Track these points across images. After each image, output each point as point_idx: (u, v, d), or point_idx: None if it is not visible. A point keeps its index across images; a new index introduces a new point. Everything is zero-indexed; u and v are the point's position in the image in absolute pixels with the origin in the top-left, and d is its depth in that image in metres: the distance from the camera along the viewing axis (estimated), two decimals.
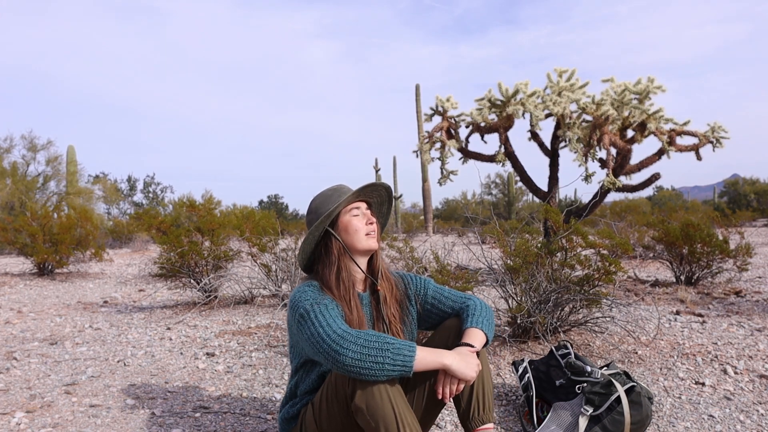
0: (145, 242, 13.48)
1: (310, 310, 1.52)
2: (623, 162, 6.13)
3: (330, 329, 1.45)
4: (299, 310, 1.55)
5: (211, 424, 2.36)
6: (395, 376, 1.42)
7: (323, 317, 1.50)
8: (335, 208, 1.63)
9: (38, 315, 5.03)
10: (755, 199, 25.65)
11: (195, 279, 5.21)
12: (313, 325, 1.49)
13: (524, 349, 3.12)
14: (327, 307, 1.54)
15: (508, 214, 25.77)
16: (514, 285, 3.29)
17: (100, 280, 7.60)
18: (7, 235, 8.10)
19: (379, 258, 1.77)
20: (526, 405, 2.27)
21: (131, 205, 32.66)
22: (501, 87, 6.23)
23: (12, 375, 3.14)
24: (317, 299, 1.56)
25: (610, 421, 2.00)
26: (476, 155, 6.88)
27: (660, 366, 2.85)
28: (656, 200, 28.87)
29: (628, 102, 5.90)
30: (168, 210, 19.79)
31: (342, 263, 1.65)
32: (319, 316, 1.50)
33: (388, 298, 1.73)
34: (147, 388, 2.87)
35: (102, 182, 23.43)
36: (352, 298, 1.63)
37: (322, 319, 1.49)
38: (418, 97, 18.28)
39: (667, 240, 5.48)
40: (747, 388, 2.54)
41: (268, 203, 39.91)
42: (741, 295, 4.87)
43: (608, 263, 3.06)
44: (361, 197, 1.72)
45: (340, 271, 1.64)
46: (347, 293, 1.62)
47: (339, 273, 1.64)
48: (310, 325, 1.50)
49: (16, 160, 18.31)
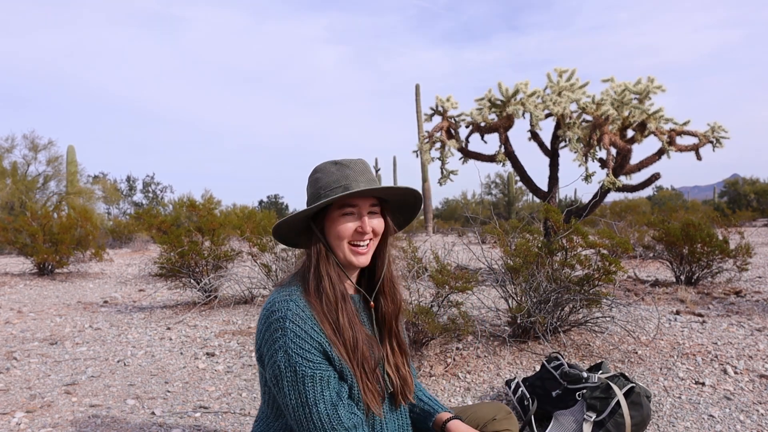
0: (145, 242, 13.47)
1: (298, 368, 1.17)
2: (623, 162, 6.13)
3: (326, 421, 1.17)
4: (279, 356, 1.18)
5: (211, 424, 2.36)
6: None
7: (320, 394, 1.18)
8: (324, 202, 1.25)
9: (38, 315, 5.03)
10: (755, 199, 25.63)
11: (195, 279, 5.21)
12: (301, 395, 1.17)
13: (524, 349, 3.12)
14: (329, 379, 1.20)
15: (508, 214, 25.77)
16: (514, 285, 3.29)
17: (100, 280, 7.60)
18: (7, 235, 8.11)
19: (384, 265, 1.37)
20: (522, 417, 2.27)
21: (131, 205, 32.66)
22: (501, 87, 6.23)
23: (12, 375, 3.14)
24: (309, 350, 1.18)
25: (613, 424, 2.01)
26: (476, 155, 6.88)
27: (660, 366, 2.85)
28: (656, 200, 28.87)
29: (628, 102, 5.89)
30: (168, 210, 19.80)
31: (323, 269, 1.27)
32: (317, 387, 1.18)
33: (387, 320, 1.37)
34: (147, 388, 2.87)
35: (102, 182, 23.45)
36: (342, 314, 1.25)
37: (319, 396, 1.18)
38: (418, 97, 18.27)
39: (667, 240, 5.48)
40: (747, 388, 2.54)
41: (268, 203, 39.93)
42: (741, 295, 4.87)
43: (608, 263, 3.06)
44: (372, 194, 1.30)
45: (321, 278, 1.26)
46: (334, 307, 1.25)
47: (320, 281, 1.26)
48: (296, 393, 1.18)
49: (17, 160, 18.32)
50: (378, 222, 1.32)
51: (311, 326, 1.20)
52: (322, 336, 1.21)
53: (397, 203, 1.39)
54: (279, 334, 1.18)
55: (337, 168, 1.28)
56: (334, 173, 1.28)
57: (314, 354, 1.19)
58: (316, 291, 1.26)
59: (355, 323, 1.27)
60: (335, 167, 1.29)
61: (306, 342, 1.18)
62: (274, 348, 1.19)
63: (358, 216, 1.28)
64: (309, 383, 1.17)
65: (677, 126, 6.18)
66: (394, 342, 1.37)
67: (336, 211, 1.28)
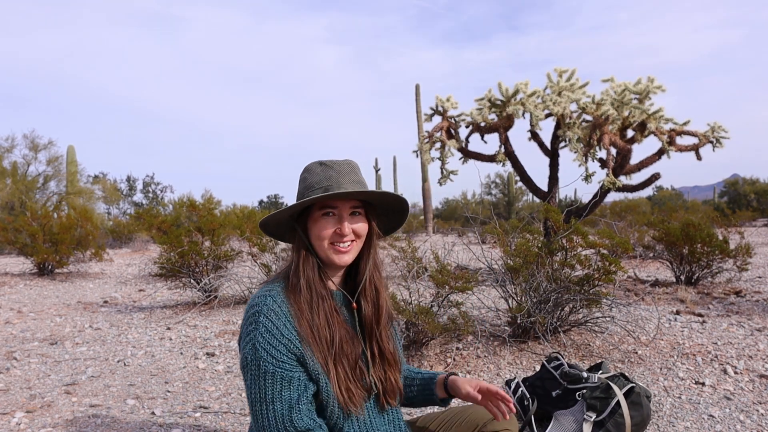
0: (145, 242, 13.48)
1: (262, 363, 1.19)
2: (623, 162, 6.13)
3: (279, 421, 1.18)
4: (247, 349, 1.21)
5: (211, 424, 2.36)
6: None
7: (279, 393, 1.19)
8: (301, 202, 1.27)
9: (38, 315, 5.03)
10: (755, 199, 25.63)
11: (195, 279, 5.21)
12: (261, 390, 1.19)
13: (524, 349, 3.12)
14: (291, 380, 1.20)
15: (508, 214, 25.77)
16: (514, 285, 3.29)
17: (100, 280, 7.60)
18: (7, 235, 8.11)
19: (367, 268, 1.36)
20: (522, 416, 2.27)
21: (131, 205, 32.68)
22: (501, 87, 6.23)
23: (12, 375, 3.14)
24: (277, 346, 1.20)
25: (613, 424, 2.01)
26: (476, 155, 6.89)
27: (660, 366, 2.85)
28: (656, 200, 28.87)
29: (628, 102, 5.90)
30: (168, 210, 19.81)
31: (303, 267, 1.28)
32: (276, 385, 1.19)
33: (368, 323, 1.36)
34: (147, 388, 2.87)
35: (102, 182, 23.46)
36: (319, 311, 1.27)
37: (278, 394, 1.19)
38: (418, 97, 18.28)
39: (667, 240, 5.48)
40: (747, 388, 2.54)
41: (268, 203, 39.94)
42: (741, 295, 4.87)
43: (608, 263, 3.06)
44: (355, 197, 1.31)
45: (300, 276, 1.27)
46: (311, 304, 1.26)
47: (299, 278, 1.27)
48: (257, 388, 1.20)
49: (17, 160, 18.33)
50: (361, 225, 1.31)
51: (284, 322, 1.21)
52: (293, 333, 1.22)
53: (383, 208, 1.39)
54: (251, 328, 1.21)
55: (322, 169, 1.30)
56: (318, 174, 1.29)
57: (281, 352, 1.20)
58: (295, 288, 1.27)
59: (334, 321, 1.28)
60: (320, 168, 1.30)
61: (275, 338, 1.20)
62: (245, 340, 1.22)
63: (338, 217, 1.29)
64: (270, 380, 1.19)
65: (677, 126, 6.18)
66: (375, 347, 1.35)
67: (317, 212, 1.29)
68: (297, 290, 1.27)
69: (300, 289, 1.26)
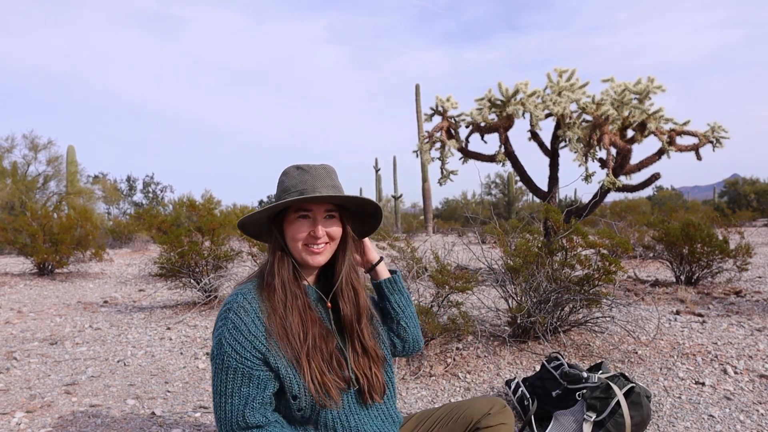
0: (145, 242, 13.48)
1: (226, 358, 1.24)
2: (623, 162, 6.13)
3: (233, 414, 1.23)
4: (214, 343, 1.27)
5: (211, 424, 2.36)
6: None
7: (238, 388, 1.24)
8: (275, 204, 1.32)
9: (38, 315, 5.03)
10: (755, 199, 25.62)
11: (195, 279, 5.21)
12: (222, 384, 1.25)
13: (524, 349, 3.12)
14: (251, 377, 1.24)
15: (508, 214, 25.77)
16: (514, 285, 3.29)
17: (100, 280, 7.60)
18: (7, 235, 8.11)
19: (343, 269, 1.40)
20: (522, 416, 2.27)
21: (131, 205, 32.66)
22: (501, 87, 6.23)
23: (12, 375, 3.14)
24: (243, 342, 1.24)
25: (613, 424, 2.01)
26: (476, 155, 6.89)
27: (660, 366, 2.85)
28: (656, 200, 28.86)
29: (628, 102, 5.89)
30: (168, 210, 19.80)
31: (277, 267, 1.33)
32: (237, 380, 1.24)
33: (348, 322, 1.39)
34: (147, 388, 2.87)
35: (102, 182, 23.45)
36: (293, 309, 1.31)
37: (237, 389, 1.24)
38: (418, 97, 18.28)
39: (667, 240, 5.48)
40: (747, 388, 2.54)
41: (268, 203, 39.92)
42: (741, 295, 4.87)
43: (608, 263, 3.06)
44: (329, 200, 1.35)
45: (274, 275, 1.32)
46: (284, 302, 1.31)
47: (273, 277, 1.32)
48: (218, 381, 1.25)
49: (17, 160, 18.33)
50: (335, 228, 1.37)
51: (252, 319, 1.26)
52: (260, 330, 1.26)
53: (357, 212, 1.44)
54: (221, 323, 1.27)
55: (299, 173, 1.35)
56: (295, 177, 1.34)
57: (246, 348, 1.24)
58: (270, 287, 1.32)
59: (308, 317, 1.32)
60: (297, 172, 1.35)
61: (242, 334, 1.25)
62: (214, 335, 1.29)
63: (313, 220, 1.34)
64: (231, 375, 1.24)
65: (677, 126, 6.18)
66: (357, 345, 1.39)
67: (292, 215, 1.34)
68: (272, 289, 1.32)
69: (275, 288, 1.31)
